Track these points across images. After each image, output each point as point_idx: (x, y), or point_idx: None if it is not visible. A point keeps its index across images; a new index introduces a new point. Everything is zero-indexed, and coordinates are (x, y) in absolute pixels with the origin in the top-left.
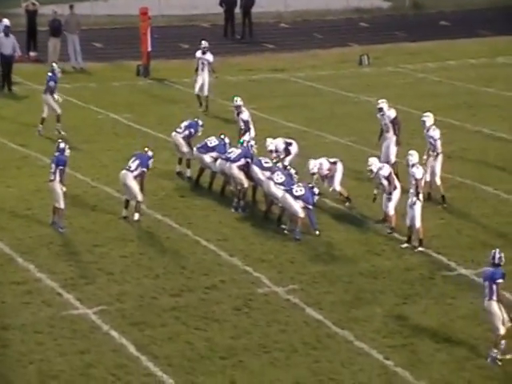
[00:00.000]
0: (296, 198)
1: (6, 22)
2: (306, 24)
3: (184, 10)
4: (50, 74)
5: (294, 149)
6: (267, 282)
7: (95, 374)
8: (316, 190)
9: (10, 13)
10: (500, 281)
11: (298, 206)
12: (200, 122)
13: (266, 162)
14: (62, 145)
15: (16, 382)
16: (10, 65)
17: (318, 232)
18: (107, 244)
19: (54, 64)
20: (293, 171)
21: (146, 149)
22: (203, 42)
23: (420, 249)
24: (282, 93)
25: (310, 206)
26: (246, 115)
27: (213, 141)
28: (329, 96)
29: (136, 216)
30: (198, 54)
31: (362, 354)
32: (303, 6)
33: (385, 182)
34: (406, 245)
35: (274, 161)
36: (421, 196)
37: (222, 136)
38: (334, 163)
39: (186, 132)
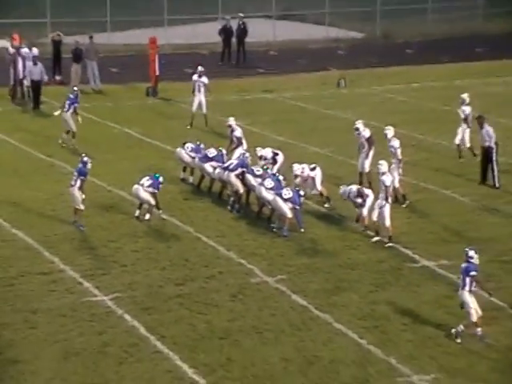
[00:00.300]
0: (285, 200)
1: (35, 51)
2: (292, 52)
3: (187, 40)
4: (71, 95)
5: (280, 158)
6: (259, 273)
7: (111, 351)
8: (302, 192)
9: (38, 42)
10: (473, 273)
11: (286, 208)
12: (202, 145)
13: (257, 171)
14: (85, 158)
15: (43, 358)
16: (38, 88)
17: (302, 229)
18: (121, 240)
19: (75, 88)
20: (281, 177)
21: (158, 174)
22: (199, 66)
23: (389, 244)
24: (271, 110)
25: (298, 207)
26: (238, 132)
27: (212, 152)
28: (311, 113)
29: (147, 216)
30: (195, 77)
31: (340, 334)
32: (289, 36)
33: (358, 200)
34: (375, 238)
35: (265, 167)
36: (389, 199)
37: (220, 148)
38: (314, 169)
39: (193, 154)
